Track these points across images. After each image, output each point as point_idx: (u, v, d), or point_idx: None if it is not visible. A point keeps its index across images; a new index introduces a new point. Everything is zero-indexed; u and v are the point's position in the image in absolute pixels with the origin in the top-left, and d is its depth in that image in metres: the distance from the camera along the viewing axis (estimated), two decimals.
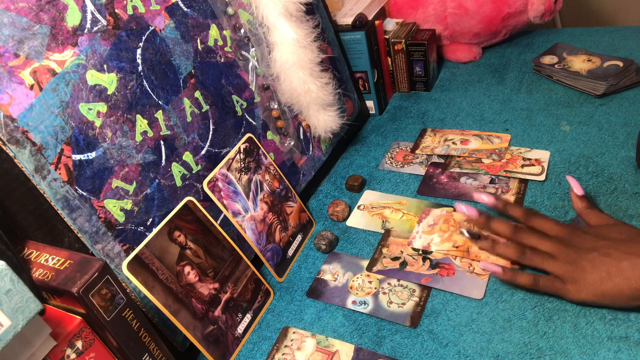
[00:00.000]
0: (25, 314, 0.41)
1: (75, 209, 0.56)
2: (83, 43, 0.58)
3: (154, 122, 0.64)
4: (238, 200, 0.72)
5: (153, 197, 0.63)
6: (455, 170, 0.85)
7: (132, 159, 0.61)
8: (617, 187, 0.75)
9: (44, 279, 0.49)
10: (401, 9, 1.13)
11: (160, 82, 0.65)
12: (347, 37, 0.96)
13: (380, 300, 0.68)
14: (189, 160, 0.68)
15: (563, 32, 1.17)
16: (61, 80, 0.55)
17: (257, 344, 0.68)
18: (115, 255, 0.59)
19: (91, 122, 0.58)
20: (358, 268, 0.74)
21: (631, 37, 1.07)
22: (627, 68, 0.93)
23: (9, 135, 0.51)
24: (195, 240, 0.65)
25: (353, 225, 0.81)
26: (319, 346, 0.65)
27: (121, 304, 0.51)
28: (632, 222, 0.69)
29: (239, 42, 0.77)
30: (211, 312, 0.65)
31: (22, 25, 0.53)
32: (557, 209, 0.74)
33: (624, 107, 0.90)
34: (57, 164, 0.54)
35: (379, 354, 0.62)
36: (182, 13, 0.69)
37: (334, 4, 1.01)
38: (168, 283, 0.61)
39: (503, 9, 1.06)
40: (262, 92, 0.81)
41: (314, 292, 0.72)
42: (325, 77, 0.82)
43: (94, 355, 0.50)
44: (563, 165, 0.81)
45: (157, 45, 0.65)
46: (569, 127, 0.89)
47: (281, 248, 0.77)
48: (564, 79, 0.99)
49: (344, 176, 0.92)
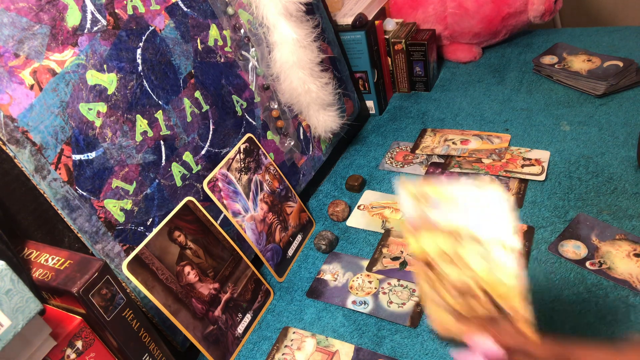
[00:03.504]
0: (25, 314, 0.41)
1: (75, 209, 0.56)
2: (83, 43, 0.58)
3: (154, 122, 0.64)
4: (238, 200, 0.72)
5: (153, 197, 0.63)
6: (456, 170, 0.85)
7: (132, 159, 0.61)
8: (617, 187, 0.75)
9: (44, 279, 0.49)
10: (401, 9, 1.13)
11: (160, 82, 0.65)
12: (347, 37, 0.96)
13: (380, 300, 0.68)
14: (189, 160, 0.68)
15: (563, 32, 1.17)
16: (61, 80, 0.55)
17: (257, 344, 0.68)
18: (115, 255, 0.59)
19: (91, 122, 0.58)
20: (358, 268, 0.74)
21: (631, 37, 1.07)
22: (627, 68, 0.93)
23: (9, 135, 0.51)
24: (195, 240, 0.65)
25: (353, 225, 0.81)
26: (319, 346, 0.65)
27: (121, 304, 0.51)
28: (632, 222, 0.69)
29: (239, 42, 0.77)
30: (211, 312, 0.65)
31: (22, 25, 0.53)
32: (557, 209, 0.74)
33: (624, 107, 0.90)
34: (57, 164, 0.54)
35: (379, 354, 0.62)
36: (182, 13, 0.69)
37: (334, 4, 1.01)
38: (168, 283, 0.61)
39: (503, 9, 1.06)
40: (262, 92, 0.81)
41: (314, 292, 0.72)
42: (325, 77, 0.82)
43: (94, 355, 0.50)
44: (563, 165, 0.81)
45: (157, 45, 0.65)
46: (569, 127, 0.89)
47: (281, 248, 0.77)
48: (564, 79, 0.99)
49: (344, 176, 0.92)
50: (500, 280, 0.47)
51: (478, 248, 0.47)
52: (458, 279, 0.49)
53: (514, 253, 0.45)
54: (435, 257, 0.50)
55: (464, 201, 0.47)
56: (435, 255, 0.50)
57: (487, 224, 0.46)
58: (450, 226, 0.48)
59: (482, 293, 0.48)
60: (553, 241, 0.70)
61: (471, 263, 0.48)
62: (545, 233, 0.71)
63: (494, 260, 0.46)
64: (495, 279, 0.47)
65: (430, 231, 0.49)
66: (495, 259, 0.46)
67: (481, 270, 0.47)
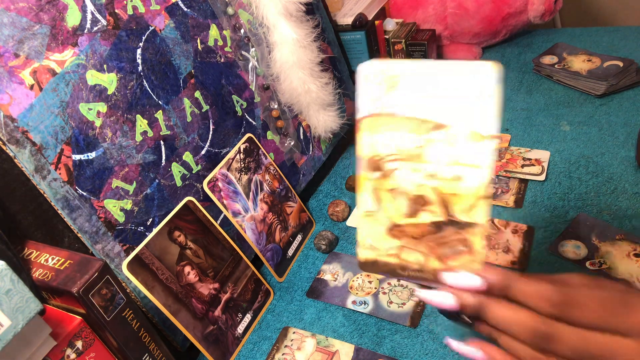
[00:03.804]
0: (25, 314, 0.41)
1: (75, 209, 0.56)
2: (83, 43, 0.58)
3: (154, 122, 0.64)
4: (238, 200, 0.72)
5: (153, 197, 0.63)
6: None
7: (132, 159, 0.61)
8: (617, 187, 0.75)
9: (44, 279, 0.49)
10: (401, 9, 1.13)
11: (160, 82, 0.65)
12: (347, 37, 0.96)
13: (380, 300, 0.68)
14: (189, 160, 0.68)
15: (563, 32, 1.17)
16: (61, 80, 0.55)
17: (257, 344, 0.68)
18: (115, 255, 0.59)
19: (91, 122, 0.58)
20: (358, 268, 0.74)
21: (631, 37, 1.07)
22: (627, 68, 0.93)
23: (9, 135, 0.51)
24: (195, 240, 0.65)
25: (353, 225, 0.81)
26: (319, 346, 0.65)
27: (121, 304, 0.51)
28: (632, 222, 0.69)
29: (239, 42, 0.77)
30: (211, 312, 0.65)
31: (22, 25, 0.53)
32: (557, 209, 0.74)
33: (624, 107, 0.90)
34: (57, 164, 0.54)
35: (379, 354, 0.62)
36: (182, 13, 0.69)
37: (334, 4, 1.01)
38: (168, 283, 0.61)
39: (503, 9, 1.06)
40: (262, 92, 0.81)
41: (314, 292, 0.72)
42: (325, 77, 0.82)
43: (94, 355, 0.50)
44: (563, 165, 0.81)
45: (157, 45, 0.65)
46: (569, 127, 0.89)
47: (281, 248, 0.77)
48: (564, 79, 0.99)
49: (344, 176, 0.92)
50: (467, 188, 0.38)
51: (447, 144, 0.38)
52: (412, 184, 0.40)
53: (489, 148, 0.37)
54: (388, 157, 0.40)
55: (440, 82, 0.38)
56: (388, 154, 0.40)
57: (464, 110, 0.37)
58: (416, 116, 0.39)
59: (439, 204, 0.39)
60: (553, 241, 0.70)
61: (434, 164, 0.39)
62: (545, 233, 0.71)
63: (464, 162, 0.38)
64: (461, 188, 0.38)
65: (388, 125, 0.40)
66: (466, 159, 0.38)
67: (445, 173, 0.39)
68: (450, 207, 0.39)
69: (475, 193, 0.38)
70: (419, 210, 0.40)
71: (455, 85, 0.38)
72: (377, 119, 0.40)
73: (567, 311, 0.37)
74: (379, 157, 0.41)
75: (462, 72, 0.38)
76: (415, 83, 0.39)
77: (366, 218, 0.42)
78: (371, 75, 0.40)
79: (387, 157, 0.40)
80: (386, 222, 0.41)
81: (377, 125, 0.40)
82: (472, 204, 0.39)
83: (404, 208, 0.41)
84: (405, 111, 0.39)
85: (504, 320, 0.38)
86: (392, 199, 0.41)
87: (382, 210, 0.41)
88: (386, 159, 0.40)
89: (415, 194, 0.40)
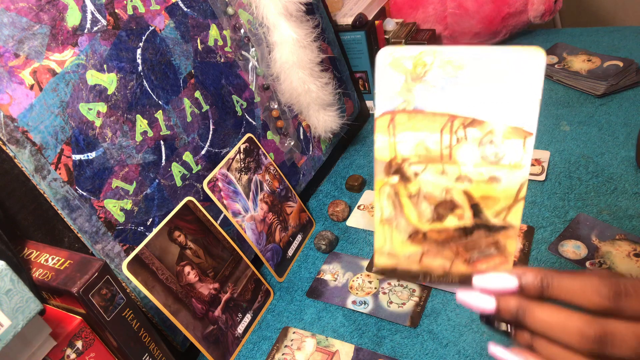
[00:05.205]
0: (25, 314, 0.41)
1: (75, 209, 0.56)
2: (83, 43, 0.58)
3: (154, 122, 0.64)
4: (238, 200, 0.72)
5: (153, 197, 0.63)
6: None
7: (132, 159, 0.61)
8: (617, 187, 0.75)
9: (44, 279, 0.49)
10: (401, 9, 1.13)
11: (160, 82, 0.65)
12: (347, 37, 0.96)
13: (380, 300, 0.68)
14: (189, 160, 0.68)
15: (563, 32, 1.17)
16: (61, 80, 0.55)
17: (257, 344, 0.68)
18: (115, 255, 0.59)
19: (91, 122, 0.58)
20: (358, 268, 0.74)
21: (631, 37, 1.07)
22: (627, 68, 0.93)
23: (9, 135, 0.51)
24: (195, 240, 0.65)
25: (353, 225, 0.81)
26: (319, 346, 0.65)
27: (121, 304, 0.51)
28: (632, 222, 0.69)
29: (239, 42, 0.77)
30: (211, 312, 0.65)
31: (22, 25, 0.53)
32: (557, 209, 0.74)
33: (624, 107, 0.90)
34: (57, 164, 0.54)
35: (379, 354, 0.62)
36: (182, 13, 0.69)
37: (334, 4, 1.01)
38: (168, 283, 0.61)
39: (503, 9, 1.06)
40: (262, 92, 0.81)
41: (314, 292, 0.72)
42: (325, 77, 0.82)
43: (94, 355, 0.50)
44: (563, 165, 0.81)
45: (157, 45, 0.65)
46: (569, 127, 0.89)
47: (281, 248, 0.77)
48: (564, 79, 0.99)
49: (344, 176, 0.92)
50: (504, 190, 0.35)
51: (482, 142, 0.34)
52: (439, 188, 0.36)
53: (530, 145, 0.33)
54: (412, 158, 0.36)
55: (475, 70, 0.33)
56: (412, 155, 0.36)
57: (503, 103, 0.33)
58: (446, 111, 0.35)
59: (469, 208, 0.36)
60: (553, 241, 0.70)
61: (466, 166, 0.35)
62: (545, 233, 0.71)
63: (503, 163, 0.34)
64: (497, 190, 0.35)
65: (412, 122, 0.36)
66: (506, 159, 0.34)
67: (480, 175, 0.35)
68: (482, 211, 0.36)
69: (513, 195, 0.35)
70: (445, 216, 0.37)
71: (493, 74, 0.33)
72: (399, 116, 0.36)
73: (622, 303, 0.32)
74: (401, 159, 0.37)
75: (502, 59, 0.33)
76: (445, 72, 0.34)
77: (384, 225, 0.39)
78: (393, 64, 0.35)
79: (410, 158, 0.37)
80: (407, 228, 0.38)
81: (399, 123, 0.36)
82: (508, 206, 0.36)
83: (429, 214, 0.37)
84: (433, 106, 0.35)
85: (549, 324, 0.34)
86: (415, 205, 0.38)
87: (402, 216, 0.38)
88: (409, 162, 0.37)
89: (442, 199, 0.37)
